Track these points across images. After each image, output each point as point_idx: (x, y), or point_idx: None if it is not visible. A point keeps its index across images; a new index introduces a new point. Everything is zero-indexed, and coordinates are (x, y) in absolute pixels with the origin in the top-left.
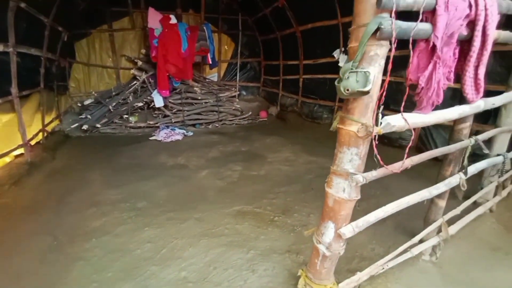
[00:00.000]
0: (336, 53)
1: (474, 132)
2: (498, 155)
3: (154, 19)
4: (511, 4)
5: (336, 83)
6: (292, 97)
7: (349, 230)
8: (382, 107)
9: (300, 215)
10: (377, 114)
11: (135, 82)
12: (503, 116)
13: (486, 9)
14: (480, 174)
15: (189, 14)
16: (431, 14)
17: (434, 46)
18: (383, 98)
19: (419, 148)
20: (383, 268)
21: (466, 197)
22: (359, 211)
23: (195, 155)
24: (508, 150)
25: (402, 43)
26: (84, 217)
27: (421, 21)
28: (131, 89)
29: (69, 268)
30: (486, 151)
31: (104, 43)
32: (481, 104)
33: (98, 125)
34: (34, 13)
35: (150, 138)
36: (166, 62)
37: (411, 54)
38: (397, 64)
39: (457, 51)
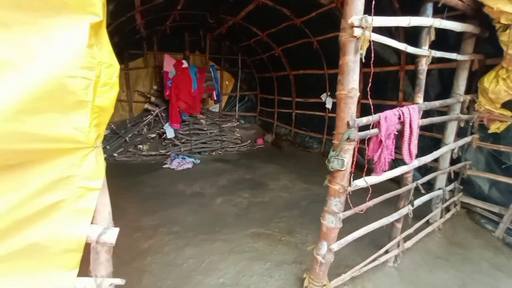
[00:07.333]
0: (323, 96)
1: (429, 168)
2: (439, 189)
3: (169, 63)
4: (428, 103)
5: (326, 162)
6: (286, 128)
7: (336, 246)
8: (352, 175)
9: (300, 235)
10: (350, 179)
11: (149, 115)
12: (440, 163)
13: (410, 114)
14: (430, 201)
15: (195, 54)
16: (378, 123)
17: (381, 140)
18: (352, 169)
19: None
20: (360, 272)
21: (419, 218)
22: (344, 231)
23: (207, 183)
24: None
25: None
26: (134, 240)
27: (372, 127)
28: (145, 121)
29: (140, 277)
30: (423, 191)
31: (120, 79)
32: (416, 163)
33: (115, 154)
34: None
35: (164, 166)
36: (178, 99)
37: (369, 144)
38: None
39: (394, 140)
